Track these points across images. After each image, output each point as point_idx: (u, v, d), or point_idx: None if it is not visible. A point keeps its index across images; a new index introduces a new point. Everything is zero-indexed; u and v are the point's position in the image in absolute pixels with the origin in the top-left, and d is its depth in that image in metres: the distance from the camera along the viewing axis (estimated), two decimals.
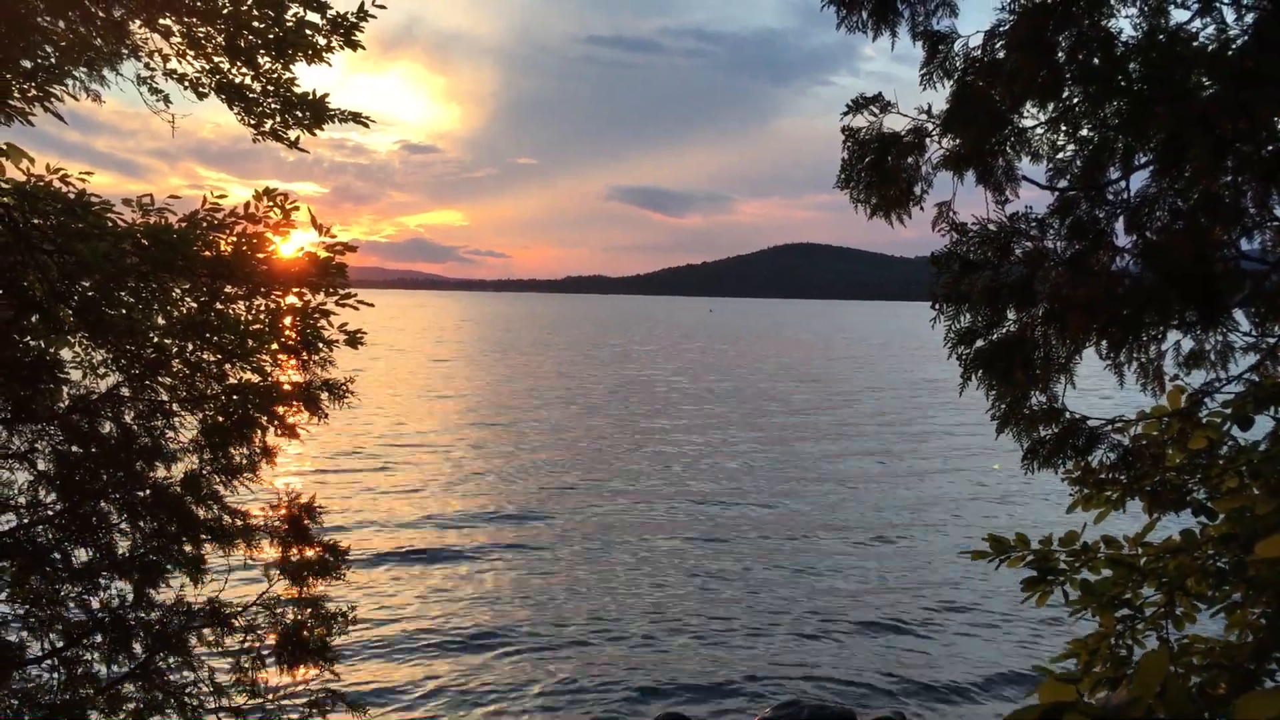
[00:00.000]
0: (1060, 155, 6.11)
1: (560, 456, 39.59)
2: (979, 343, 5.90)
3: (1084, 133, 6.03)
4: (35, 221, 6.61)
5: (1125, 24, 5.86)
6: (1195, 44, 5.57)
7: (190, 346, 7.69)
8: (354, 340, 7.78)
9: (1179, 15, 5.81)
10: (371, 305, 7.72)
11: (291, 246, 7.54)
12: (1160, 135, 5.22)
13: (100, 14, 7.23)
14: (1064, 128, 6.09)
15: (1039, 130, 6.20)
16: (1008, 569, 5.48)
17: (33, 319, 7.32)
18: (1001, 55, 5.80)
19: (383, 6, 7.77)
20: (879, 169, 6.14)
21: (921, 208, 6.37)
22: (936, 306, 6.02)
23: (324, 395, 8.01)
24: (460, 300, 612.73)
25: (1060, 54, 5.84)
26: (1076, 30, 5.72)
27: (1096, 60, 5.76)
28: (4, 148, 6.23)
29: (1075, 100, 5.91)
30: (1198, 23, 5.74)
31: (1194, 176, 5.04)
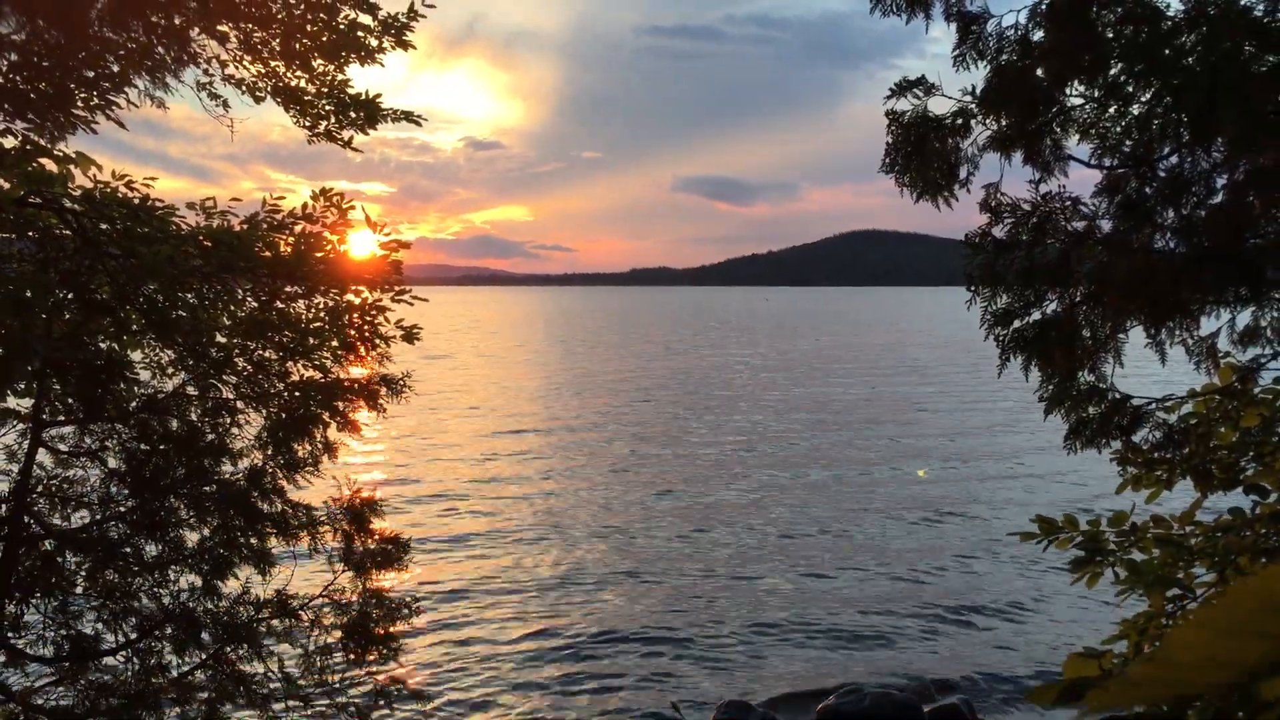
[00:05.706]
0: (1107, 133, 6.03)
1: (654, 446, 39.65)
2: (1016, 323, 5.84)
3: (1133, 110, 5.95)
4: (103, 227, 6.80)
5: None
6: (1245, 18, 5.47)
7: (253, 345, 7.87)
8: (410, 336, 7.93)
9: None
10: (426, 300, 7.85)
11: (349, 245, 7.70)
12: (1193, 106, 5.14)
13: (162, 21, 7.41)
14: (1112, 105, 6.01)
15: (1087, 108, 6.12)
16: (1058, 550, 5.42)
17: (102, 321, 7.55)
18: (1039, 34, 5.75)
19: (432, 5, 7.91)
20: (921, 152, 6.10)
21: (968, 190, 6.32)
22: (972, 288, 5.97)
23: (383, 390, 8.17)
24: (530, 295, 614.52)
25: (1105, 30, 5.77)
26: (1121, 6, 5.64)
27: (1143, 36, 5.68)
28: (73, 156, 6.43)
29: (1122, 78, 5.83)
30: None
31: (1231, 149, 4.95)
